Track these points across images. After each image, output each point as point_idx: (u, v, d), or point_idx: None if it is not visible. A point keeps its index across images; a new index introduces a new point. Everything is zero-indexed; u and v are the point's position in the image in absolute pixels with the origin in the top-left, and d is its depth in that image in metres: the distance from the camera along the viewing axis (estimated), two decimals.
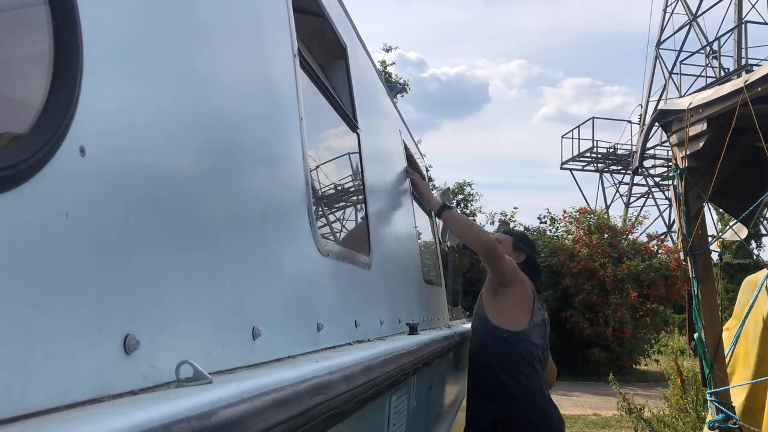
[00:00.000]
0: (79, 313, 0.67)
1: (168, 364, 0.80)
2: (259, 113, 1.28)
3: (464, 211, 17.55)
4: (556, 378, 3.65)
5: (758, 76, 2.38)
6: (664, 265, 13.80)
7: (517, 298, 3.06)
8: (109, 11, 0.78)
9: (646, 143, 3.57)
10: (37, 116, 0.64)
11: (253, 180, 1.20)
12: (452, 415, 3.57)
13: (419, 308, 3.06)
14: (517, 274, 3.08)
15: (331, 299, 1.60)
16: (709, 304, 2.99)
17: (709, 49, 20.68)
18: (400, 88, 15.43)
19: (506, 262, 3.10)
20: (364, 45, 2.65)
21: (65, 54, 0.68)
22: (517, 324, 3.01)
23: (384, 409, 1.76)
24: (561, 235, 15.47)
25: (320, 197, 1.82)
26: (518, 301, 3.06)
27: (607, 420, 8.51)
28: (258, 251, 1.16)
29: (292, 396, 0.90)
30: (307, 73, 1.74)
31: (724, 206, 3.55)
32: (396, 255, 2.75)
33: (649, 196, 24.63)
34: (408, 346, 1.86)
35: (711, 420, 2.98)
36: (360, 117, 2.28)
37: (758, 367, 3.45)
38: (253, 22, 1.31)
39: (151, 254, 0.81)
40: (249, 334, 1.06)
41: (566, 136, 22.42)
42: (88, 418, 0.59)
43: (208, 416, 0.69)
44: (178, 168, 0.93)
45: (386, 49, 18.06)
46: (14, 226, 0.59)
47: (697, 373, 5.75)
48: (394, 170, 3.03)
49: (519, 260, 3.18)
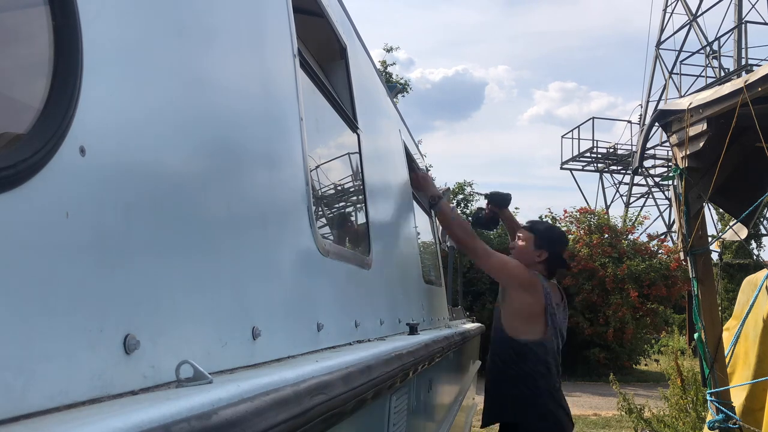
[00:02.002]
0: (79, 313, 0.67)
1: (168, 364, 0.80)
2: (259, 113, 1.28)
3: (464, 211, 17.54)
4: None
5: (758, 76, 2.38)
6: (664, 265, 13.79)
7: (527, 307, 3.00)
8: (109, 11, 0.78)
9: (646, 143, 3.57)
10: (37, 116, 0.64)
11: (253, 180, 1.20)
12: (452, 415, 3.57)
13: (419, 308, 3.06)
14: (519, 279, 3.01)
15: (331, 299, 1.60)
16: (709, 304, 2.98)
17: (709, 49, 20.67)
18: (400, 88, 15.43)
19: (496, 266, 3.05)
20: (364, 45, 2.65)
21: (65, 54, 0.68)
22: (530, 335, 2.98)
23: (384, 409, 1.76)
24: None
25: (320, 197, 1.82)
26: (530, 310, 3.00)
27: (607, 420, 8.51)
28: (258, 251, 1.16)
29: (292, 396, 0.90)
30: (307, 73, 1.74)
31: (724, 206, 3.55)
32: (396, 255, 2.74)
33: (649, 196, 24.64)
34: (408, 346, 1.86)
35: (711, 420, 2.98)
36: (360, 117, 2.28)
37: (758, 367, 3.45)
38: (253, 22, 1.31)
39: (151, 254, 0.81)
40: (249, 334, 1.06)
41: (566, 136, 22.43)
42: (88, 418, 0.59)
43: (208, 416, 0.69)
44: (178, 168, 0.93)
45: (387, 49, 18.05)
46: (14, 226, 0.59)
47: (697, 373, 5.75)
48: (394, 170, 3.03)
49: (540, 259, 3.10)
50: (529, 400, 2.94)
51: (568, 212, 15.50)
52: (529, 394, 2.94)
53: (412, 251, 3.18)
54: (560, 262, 3.19)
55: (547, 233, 3.21)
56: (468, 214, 17.39)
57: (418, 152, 4.43)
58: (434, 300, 3.75)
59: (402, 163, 3.23)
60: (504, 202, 3.55)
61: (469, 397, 4.35)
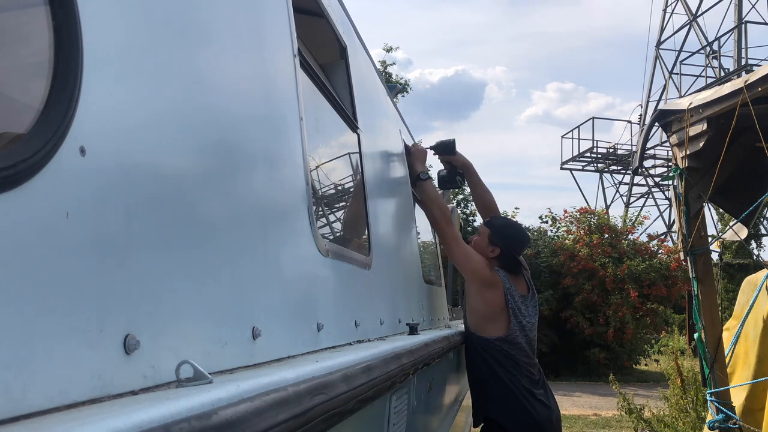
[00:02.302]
0: (79, 313, 0.67)
1: (168, 364, 0.80)
2: (259, 113, 1.28)
3: (464, 210, 17.53)
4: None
5: (758, 76, 2.38)
6: (664, 265, 13.80)
7: (488, 305, 3.00)
8: (109, 11, 0.78)
9: (646, 143, 3.57)
10: (37, 116, 0.64)
11: (253, 180, 1.20)
12: (452, 415, 3.57)
13: (419, 308, 3.06)
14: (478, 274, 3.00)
15: (331, 299, 1.60)
16: (709, 304, 2.99)
17: (709, 49, 20.67)
18: (400, 88, 15.42)
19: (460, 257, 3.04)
20: (364, 45, 2.65)
21: (65, 54, 0.68)
22: (493, 332, 2.98)
23: (384, 409, 1.76)
24: (561, 235, 15.47)
25: (320, 197, 1.82)
26: (489, 308, 3.00)
27: (607, 420, 8.51)
28: (258, 251, 1.16)
29: (292, 396, 0.90)
30: (307, 73, 1.74)
31: (724, 206, 3.55)
32: (396, 255, 2.75)
33: (649, 196, 24.65)
34: (408, 346, 1.86)
35: (711, 420, 2.98)
36: (360, 117, 2.28)
37: (758, 367, 3.45)
38: (253, 22, 1.31)
39: (152, 254, 0.81)
40: (249, 334, 1.06)
41: (566, 137, 22.44)
42: (88, 418, 0.59)
43: (208, 416, 0.69)
44: (178, 168, 0.93)
45: (387, 49, 18.05)
46: (14, 226, 0.59)
47: (697, 373, 5.75)
48: (394, 170, 3.02)
49: (493, 255, 3.07)
50: (499, 396, 2.96)
51: (568, 212, 15.51)
52: (500, 390, 2.95)
53: (412, 251, 3.18)
54: (513, 262, 3.09)
55: (503, 230, 3.16)
56: (468, 214, 17.38)
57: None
58: (434, 300, 3.75)
59: (402, 163, 3.23)
60: (447, 149, 3.47)
61: (470, 397, 4.35)
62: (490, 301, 3.00)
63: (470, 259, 3.05)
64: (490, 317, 3.01)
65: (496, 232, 3.12)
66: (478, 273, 3.02)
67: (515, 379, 2.95)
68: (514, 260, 3.11)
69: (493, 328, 2.99)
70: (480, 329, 3.03)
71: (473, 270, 3.03)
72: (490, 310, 3.00)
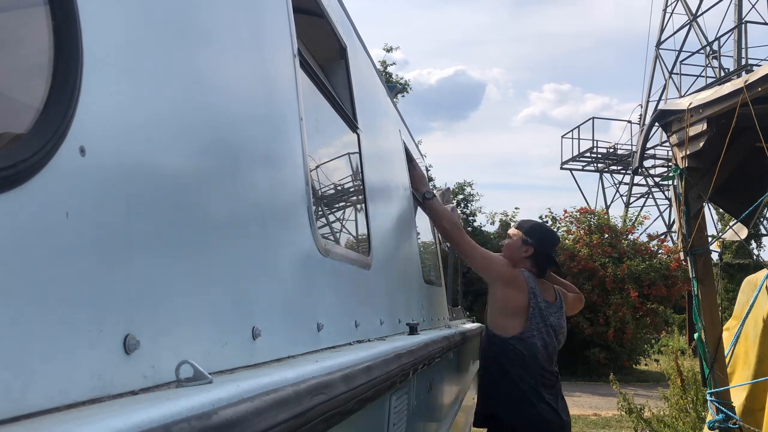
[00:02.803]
0: (79, 313, 0.67)
1: (168, 364, 0.80)
2: (259, 113, 1.28)
3: (464, 211, 17.54)
4: (577, 304, 3.53)
5: (758, 76, 2.38)
6: (664, 265, 13.79)
7: (508, 303, 3.05)
8: (109, 11, 0.78)
9: (646, 143, 3.57)
10: (37, 116, 0.64)
11: (253, 180, 1.20)
12: (452, 415, 3.57)
13: (419, 308, 3.06)
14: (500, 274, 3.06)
15: (331, 299, 1.60)
16: (709, 304, 2.98)
17: (709, 49, 20.67)
18: (400, 88, 15.42)
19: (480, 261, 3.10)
20: (364, 45, 2.65)
21: (65, 54, 0.68)
22: (509, 331, 3.02)
23: (384, 409, 1.76)
24: (561, 235, 15.46)
25: (320, 197, 1.82)
26: (510, 306, 3.05)
27: (607, 420, 8.51)
28: (258, 251, 1.16)
29: (292, 396, 0.90)
30: (307, 73, 1.74)
31: (724, 206, 3.55)
32: (396, 255, 2.75)
33: (649, 196, 24.65)
34: (408, 346, 1.86)
35: (711, 420, 2.98)
36: (360, 117, 2.28)
37: (758, 367, 3.45)
38: (253, 22, 1.31)
39: (151, 254, 0.81)
40: (249, 334, 1.06)
41: (566, 137, 22.44)
42: (88, 418, 0.59)
43: (208, 416, 0.69)
44: (178, 168, 0.93)
45: (387, 49, 18.04)
46: (14, 226, 0.59)
47: (697, 373, 5.75)
48: (394, 170, 3.03)
49: (527, 254, 3.15)
50: (506, 394, 2.99)
51: (568, 212, 15.50)
52: (507, 388, 2.98)
53: (412, 251, 3.18)
54: (548, 259, 3.21)
55: (534, 229, 3.26)
56: (468, 214, 17.40)
57: (418, 152, 4.43)
58: (434, 300, 3.75)
59: (402, 163, 3.23)
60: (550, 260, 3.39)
61: (470, 397, 4.35)
62: (512, 298, 3.04)
63: (492, 262, 3.13)
64: (509, 314, 3.04)
65: (528, 232, 3.21)
66: (500, 272, 3.08)
67: (524, 379, 2.96)
68: (549, 258, 3.21)
69: (511, 326, 3.03)
70: (498, 327, 3.07)
71: (495, 270, 3.09)
72: (511, 308, 3.04)
